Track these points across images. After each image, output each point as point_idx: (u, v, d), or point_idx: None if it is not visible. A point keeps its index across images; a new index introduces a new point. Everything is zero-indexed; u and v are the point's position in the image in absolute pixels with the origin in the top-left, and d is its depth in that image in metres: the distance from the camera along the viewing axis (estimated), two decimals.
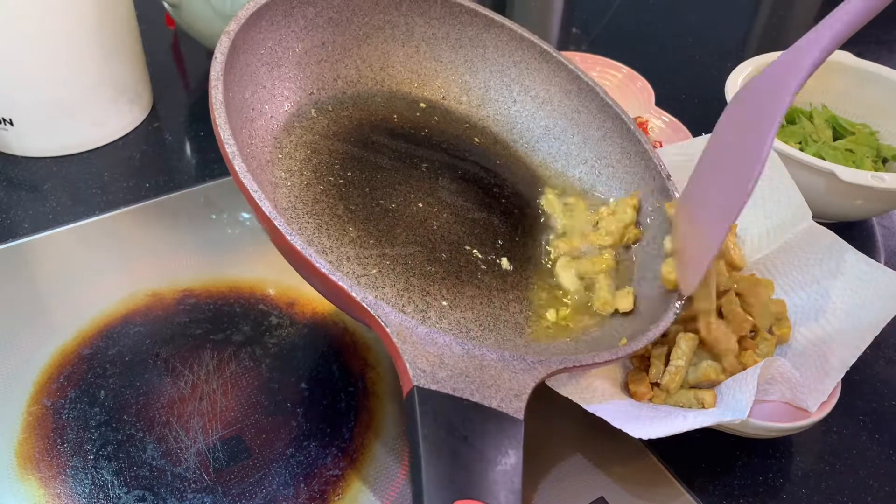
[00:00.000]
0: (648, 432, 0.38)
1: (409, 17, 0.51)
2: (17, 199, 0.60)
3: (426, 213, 0.45)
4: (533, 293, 0.44)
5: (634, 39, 0.88)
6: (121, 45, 0.62)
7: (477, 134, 0.52)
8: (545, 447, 0.44)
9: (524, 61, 0.52)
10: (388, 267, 0.41)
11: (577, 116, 0.51)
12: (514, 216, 0.48)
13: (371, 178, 0.45)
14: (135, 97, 0.66)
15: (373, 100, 0.50)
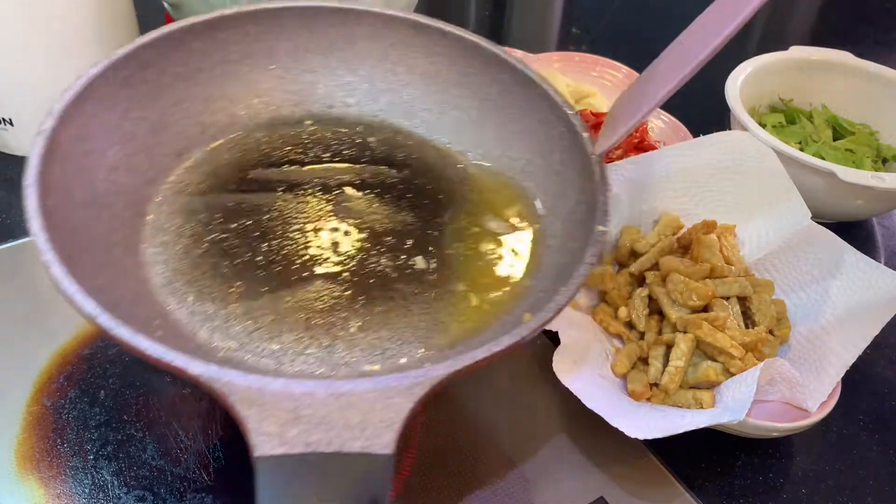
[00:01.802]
0: (645, 432, 0.38)
1: (264, 41, 0.48)
2: (18, 199, 0.59)
3: (326, 236, 0.43)
4: (458, 283, 0.42)
5: (634, 39, 0.88)
6: (121, 44, 0.62)
7: (374, 132, 0.49)
8: (545, 446, 0.44)
9: (401, 41, 0.49)
10: (285, 311, 0.39)
11: (467, 79, 0.48)
12: (425, 208, 0.45)
13: (259, 221, 0.43)
14: None
15: (252, 136, 0.48)
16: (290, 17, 0.48)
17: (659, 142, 0.65)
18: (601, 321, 0.48)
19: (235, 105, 0.48)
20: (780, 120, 0.64)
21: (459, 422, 0.45)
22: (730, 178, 0.52)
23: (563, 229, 0.42)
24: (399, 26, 0.49)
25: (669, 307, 0.46)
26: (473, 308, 0.41)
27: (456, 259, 0.43)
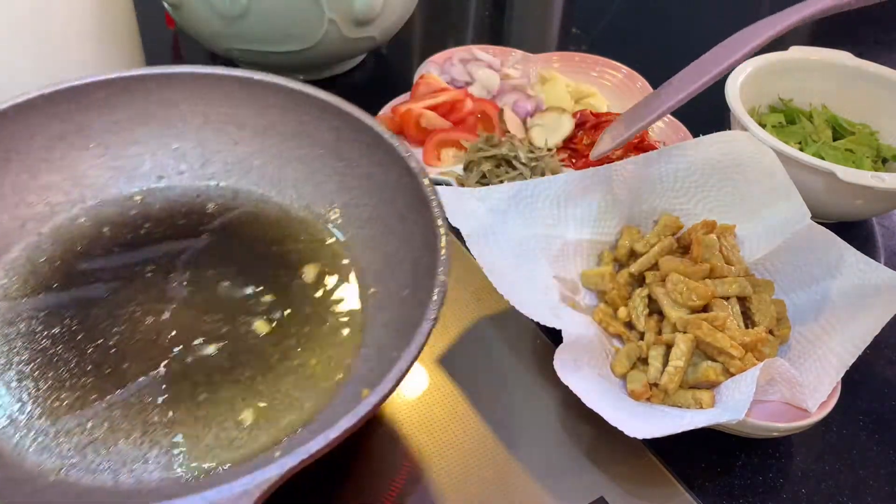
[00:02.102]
0: (644, 432, 0.38)
1: (76, 119, 0.46)
2: None
3: (158, 325, 0.41)
4: (296, 357, 0.40)
5: (634, 39, 0.88)
6: (121, 45, 0.62)
7: (211, 198, 0.47)
8: (545, 446, 0.44)
9: (226, 97, 0.47)
10: (119, 416, 0.37)
11: (303, 128, 0.47)
12: (264, 275, 0.43)
13: (85, 320, 0.41)
14: None
15: (76, 224, 0.45)
16: (102, 91, 0.46)
17: (659, 142, 0.65)
18: (601, 321, 0.48)
19: (54, 192, 0.46)
20: (779, 120, 0.64)
21: (458, 421, 0.45)
22: (730, 178, 0.52)
23: (413, 278, 0.40)
24: (222, 83, 0.47)
25: (669, 307, 0.46)
26: (313, 381, 0.39)
27: (295, 329, 0.41)
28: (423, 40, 0.86)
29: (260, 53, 0.67)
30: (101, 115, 0.46)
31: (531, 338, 0.50)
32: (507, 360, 0.49)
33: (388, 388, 0.32)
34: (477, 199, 0.48)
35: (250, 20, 0.63)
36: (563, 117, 0.63)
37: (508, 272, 0.45)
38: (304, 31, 0.64)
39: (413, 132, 0.63)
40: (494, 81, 0.68)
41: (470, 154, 0.59)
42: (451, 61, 0.70)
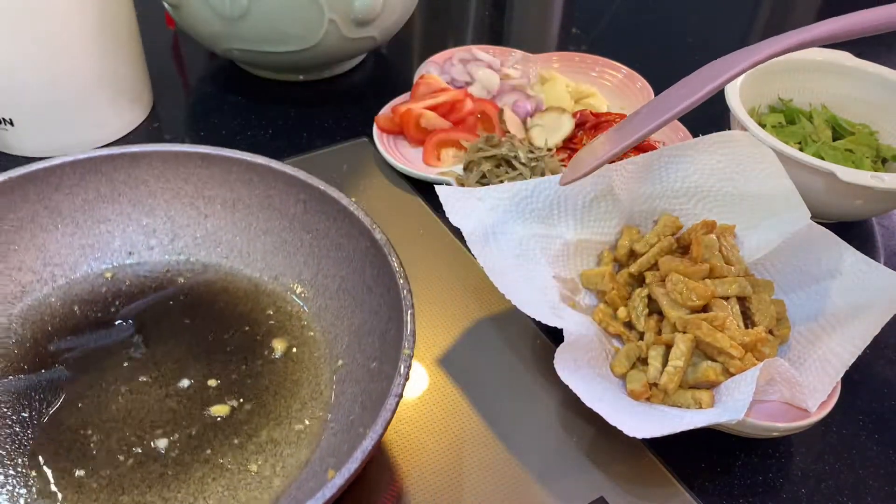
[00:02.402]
0: (643, 431, 0.38)
1: (46, 199, 0.46)
2: None
3: (130, 404, 0.41)
4: (278, 426, 0.41)
5: (634, 39, 0.88)
6: (121, 45, 0.62)
7: (182, 271, 0.48)
8: (545, 446, 0.44)
9: (193, 174, 0.48)
10: (90, 498, 0.37)
11: (270, 201, 0.47)
12: (237, 348, 0.44)
13: (54, 403, 0.41)
14: (135, 97, 0.66)
15: (46, 303, 0.45)
16: (69, 172, 0.46)
17: (658, 142, 0.65)
18: (600, 321, 0.48)
19: (23, 272, 0.46)
20: (779, 120, 0.64)
21: (458, 420, 0.45)
22: (729, 178, 0.52)
23: (381, 350, 0.40)
24: (187, 160, 0.47)
25: (669, 307, 0.46)
26: (281, 459, 0.39)
27: (263, 406, 0.42)
28: (422, 40, 0.86)
29: (260, 54, 0.67)
30: (71, 195, 0.47)
31: (531, 338, 0.50)
32: (507, 360, 0.49)
33: (353, 468, 0.32)
34: (477, 199, 0.48)
35: (250, 21, 0.63)
36: (563, 117, 0.63)
37: (509, 272, 0.45)
38: (304, 32, 0.64)
39: (413, 132, 0.63)
40: (494, 81, 0.68)
41: (470, 154, 0.59)
42: (451, 61, 0.70)
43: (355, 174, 0.63)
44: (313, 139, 0.67)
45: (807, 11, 1.01)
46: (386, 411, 0.34)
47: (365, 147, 0.66)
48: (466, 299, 0.53)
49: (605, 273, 0.49)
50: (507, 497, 0.41)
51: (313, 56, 0.67)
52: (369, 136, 0.67)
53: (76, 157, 0.46)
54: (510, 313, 0.52)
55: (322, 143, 0.66)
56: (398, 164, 0.61)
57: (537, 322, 0.51)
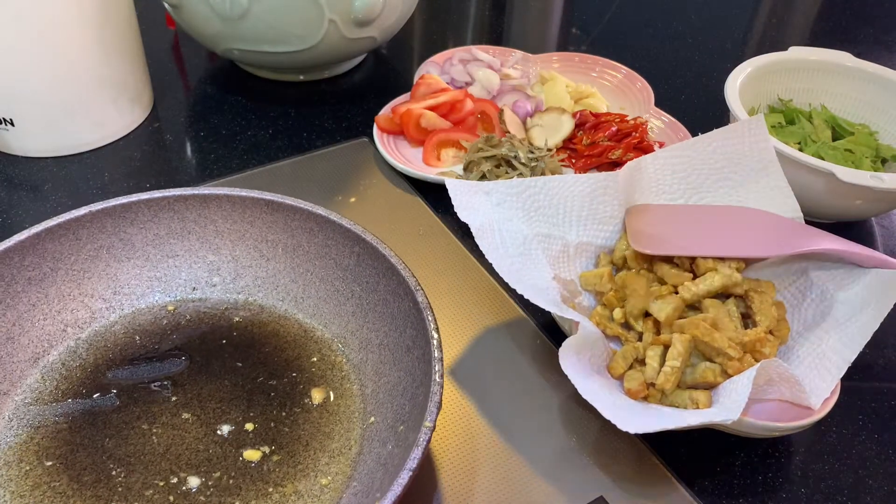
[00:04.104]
0: (637, 427, 0.38)
1: (121, 232, 0.49)
2: (18, 199, 0.60)
3: (170, 440, 0.42)
4: (304, 479, 0.41)
5: (634, 40, 0.89)
6: (121, 45, 0.62)
7: (239, 311, 0.49)
8: (546, 446, 0.44)
9: (259, 218, 0.49)
10: None
11: (327, 251, 0.49)
12: (278, 394, 0.45)
13: (104, 429, 0.43)
14: (135, 97, 0.66)
15: (111, 331, 0.48)
16: (145, 208, 0.48)
17: (658, 142, 0.65)
18: (598, 323, 0.48)
19: (94, 300, 0.48)
20: (779, 120, 0.64)
21: (462, 421, 0.45)
22: (726, 177, 0.52)
23: (409, 414, 0.41)
24: (254, 205, 0.49)
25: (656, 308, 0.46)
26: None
27: (293, 457, 0.42)
28: (422, 40, 0.86)
29: (260, 54, 0.67)
30: (145, 229, 0.49)
31: (531, 338, 0.50)
32: (508, 360, 0.49)
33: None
34: (484, 193, 0.48)
35: (250, 21, 0.63)
36: (563, 117, 0.63)
37: (515, 269, 0.45)
38: (305, 32, 0.64)
39: (413, 132, 0.63)
40: (494, 81, 0.68)
41: (470, 154, 0.59)
42: (452, 61, 0.71)
43: (355, 174, 0.63)
44: (313, 139, 0.67)
45: (807, 11, 1.01)
46: (397, 486, 0.34)
47: (365, 147, 0.66)
48: (466, 299, 0.53)
49: (604, 274, 0.49)
50: (511, 493, 0.42)
51: (313, 56, 0.67)
52: (369, 136, 0.67)
53: (152, 195, 0.48)
54: (511, 313, 0.52)
55: (322, 143, 0.66)
56: (398, 164, 0.61)
57: (538, 323, 0.51)
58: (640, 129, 0.63)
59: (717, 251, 0.48)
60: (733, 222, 0.50)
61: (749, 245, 0.49)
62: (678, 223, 0.51)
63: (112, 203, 0.48)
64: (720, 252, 0.48)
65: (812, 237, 0.47)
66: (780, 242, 0.48)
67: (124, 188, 0.60)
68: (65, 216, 0.46)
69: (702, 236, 0.49)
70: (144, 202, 0.48)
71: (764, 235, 0.49)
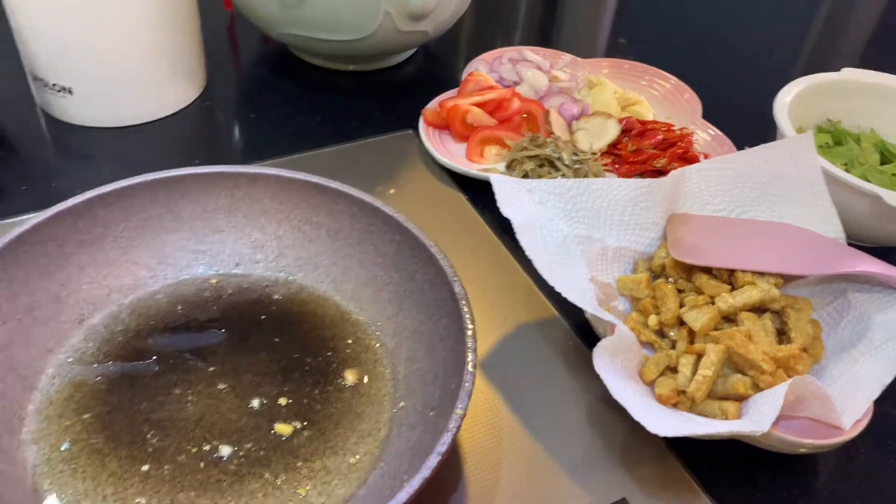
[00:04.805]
0: (665, 429, 0.38)
1: (171, 204, 0.50)
2: (71, 165, 0.62)
3: (204, 408, 0.43)
4: (333, 456, 0.42)
5: (684, 51, 0.88)
6: (180, 22, 0.64)
7: (279, 289, 0.50)
8: (571, 444, 0.44)
9: (304, 200, 0.50)
10: (152, 491, 0.39)
11: (369, 237, 0.49)
12: (312, 371, 0.46)
13: (142, 393, 0.44)
14: (189, 75, 0.67)
15: (154, 299, 0.49)
16: (195, 182, 0.50)
17: (703, 154, 0.65)
18: (632, 329, 0.48)
19: (140, 267, 0.49)
20: (826, 140, 0.63)
21: (488, 413, 0.46)
22: (769, 192, 0.52)
23: (440, 401, 0.41)
24: (301, 187, 0.50)
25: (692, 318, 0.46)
26: (328, 490, 0.40)
27: (323, 434, 0.43)
28: (471, 39, 0.86)
29: (314, 40, 0.68)
30: (194, 203, 0.50)
31: (564, 339, 0.51)
32: (541, 360, 0.49)
33: None
34: (527, 191, 0.48)
35: (308, 7, 0.64)
36: (609, 122, 0.63)
37: (553, 267, 0.46)
38: (359, 22, 0.65)
39: (458, 127, 0.64)
40: (542, 83, 0.68)
41: (514, 152, 0.60)
42: (501, 60, 0.71)
43: (398, 165, 0.64)
44: (360, 128, 0.68)
45: (859, 33, 1.00)
46: (426, 469, 0.35)
47: (410, 139, 0.67)
48: (501, 295, 0.53)
49: (642, 280, 0.50)
50: (535, 487, 0.42)
51: (366, 47, 0.68)
52: (415, 128, 0.67)
53: (203, 170, 0.49)
54: (544, 312, 0.52)
55: (368, 132, 0.67)
56: (442, 157, 0.62)
57: (571, 324, 0.51)
58: (686, 139, 0.63)
59: (756, 265, 0.48)
60: (775, 238, 0.50)
61: (789, 262, 0.49)
62: (719, 235, 0.51)
63: (164, 175, 0.49)
64: (760, 266, 0.48)
65: (853, 258, 0.47)
66: (821, 261, 0.48)
67: (173, 163, 0.61)
68: (118, 184, 0.48)
69: (742, 250, 0.49)
70: (195, 176, 0.49)
71: (805, 253, 0.49)
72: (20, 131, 0.64)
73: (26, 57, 0.62)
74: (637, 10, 0.97)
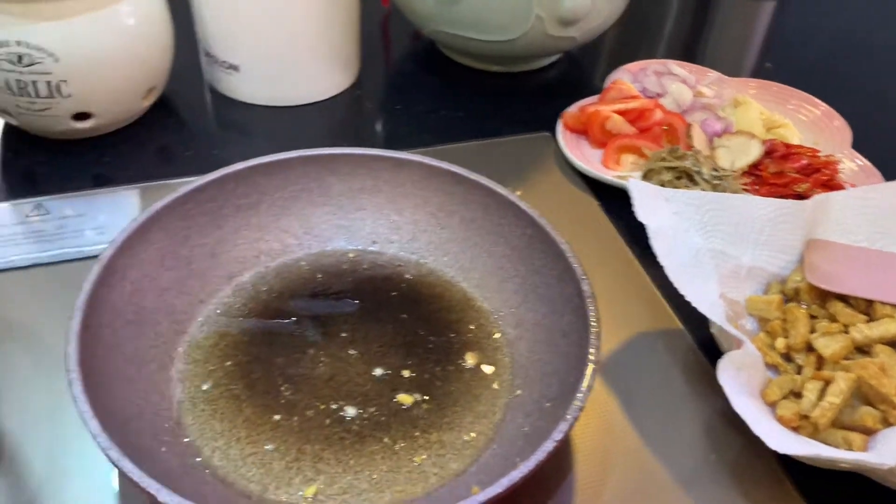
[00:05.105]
0: (785, 447, 0.38)
1: (322, 180, 0.53)
2: (230, 138, 0.66)
3: (334, 370, 0.46)
4: (449, 431, 0.43)
5: (836, 78, 0.85)
6: (342, 14, 0.67)
7: (410, 269, 0.52)
8: (683, 455, 0.44)
9: (442, 188, 0.52)
10: (281, 439, 0.42)
11: (500, 228, 0.50)
12: (435, 349, 0.48)
13: (279, 349, 0.47)
14: (345, 64, 0.71)
15: (297, 266, 0.52)
16: (346, 162, 0.53)
17: (849, 184, 0.63)
18: (758, 349, 0.48)
19: (288, 235, 0.53)
20: None
21: (602, 413, 0.46)
22: None
23: (558, 393, 0.42)
24: (441, 175, 0.52)
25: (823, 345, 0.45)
26: (442, 462, 0.42)
27: (441, 409, 0.44)
28: (614, 48, 0.87)
29: (464, 39, 0.70)
30: (342, 181, 0.53)
31: (685, 352, 0.50)
32: (660, 370, 0.49)
33: (496, 492, 0.35)
34: (665, 199, 0.49)
35: (462, 6, 0.66)
36: (752, 142, 0.62)
37: (685, 278, 0.46)
38: (511, 23, 0.67)
39: (597, 133, 0.65)
40: (686, 97, 0.68)
41: (651, 162, 0.60)
42: (646, 72, 0.71)
43: (532, 164, 0.65)
44: (499, 127, 0.70)
45: None
46: (541, 452, 0.36)
47: (547, 142, 0.68)
48: (625, 301, 0.54)
49: (774, 301, 0.49)
50: (642, 492, 0.42)
51: (513, 48, 0.70)
52: (552, 131, 0.69)
53: (354, 151, 0.53)
54: (668, 323, 0.52)
55: (506, 131, 0.69)
56: (577, 161, 0.63)
57: (694, 338, 0.51)
58: (832, 166, 0.61)
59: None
60: None
61: None
62: (859, 264, 0.49)
63: (319, 152, 0.52)
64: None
65: None
66: None
67: (322, 144, 0.65)
68: (278, 155, 0.51)
69: (883, 282, 0.48)
70: (347, 156, 0.53)
71: None
72: (190, 102, 0.70)
73: (202, 34, 0.68)
74: (790, 33, 0.94)
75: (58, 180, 0.60)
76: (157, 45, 0.62)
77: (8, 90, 0.57)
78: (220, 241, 0.50)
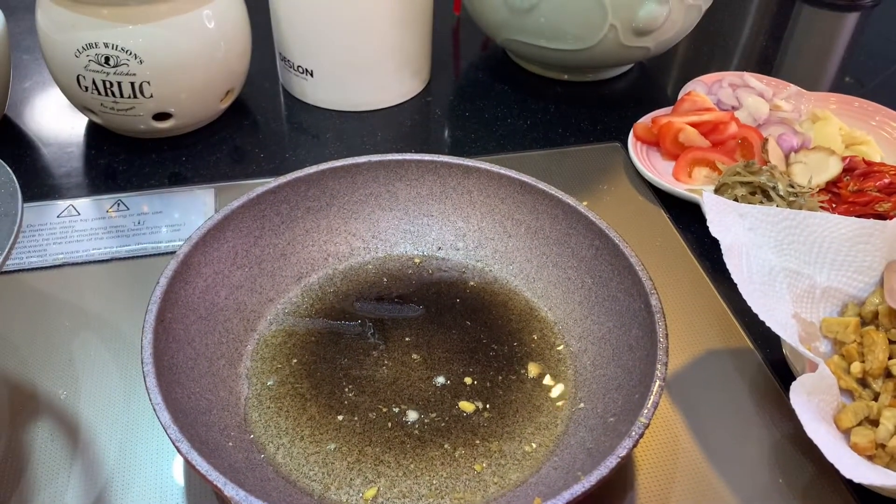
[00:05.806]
0: (859, 475, 0.37)
1: (390, 185, 0.53)
2: (303, 141, 0.68)
3: (398, 373, 0.46)
4: (510, 441, 0.43)
5: None
6: (415, 22, 0.68)
7: (475, 276, 0.52)
8: (750, 478, 0.43)
9: (510, 196, 0.52)
10: (343, 439, 0.43)
11: (567, 239, 0.50)
12: (498, 358, 0.47)
13: (344, 350, 0.47)
14: (416, 71, 0.72)
15: (364, 269, 0.53)
16: (414, 168, 0.53)
17: None
18: (832, 373, 0.46)
19: (356, 238, 0.53)
20: None
21: (667, 430, 0.45)
22: None
23: (623, 408, 0.41)
24: (509, 184, 0.52)
25: None
26: (501, 472, 0.42)
27: (502, 419, 0.44)
28: (686, 59, 0.85)
29: (536, 48, 0.70)
30: (410, 186, 0.54)
31: (754, 372, 0.49)
32: (728, 390, 0.48)
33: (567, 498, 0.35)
34: (739, 215, 0.48)
35: (536, 15, 0.66)
36: (831, 159, 0.60)
37: (757, 295, 0.45)
38: (584, 33, 0.66)
39: (669, 145, 0.64)
40: (763, 110, 0.66)
41: (725, 176, 0.59)
42: (721, 84, 0.70)
43: (601, 175, 0.64)
44: (567, 136, 0.69)
45: None
46: (604, 468, 0.36)
47: (616, 152, 0.67)
48: (693, 317, 0.53)
49: (850, 324, 0.47)
50: None
51: (586, 58, 0.69)
52: (622, 141, 0.68)
53: (422, 157, 0.53)
54: (737, 342, 0.51)
55: (575, 140, 0.69)
56: (648, 173, 0.62)
57: (765, 358, 0.50)
58: None
59: None
60: None
61: None
62: None
63: (388, 157, 0.53)
64: None
65: None
66: None
67: (391, 149, 0.66)
68: (348, 160, 0.52)
69: None
70: (415, 162, 0.53)
71: None
72: (264, 105, 0.71)
73: (278, 39, 0.69)
74: (874, 46, 0.91)
75: (137, 178, 0.62)
76: (236, 50, 0.63)
77: (94, 90, 0.59)
78: (290, 241, 0.51)
